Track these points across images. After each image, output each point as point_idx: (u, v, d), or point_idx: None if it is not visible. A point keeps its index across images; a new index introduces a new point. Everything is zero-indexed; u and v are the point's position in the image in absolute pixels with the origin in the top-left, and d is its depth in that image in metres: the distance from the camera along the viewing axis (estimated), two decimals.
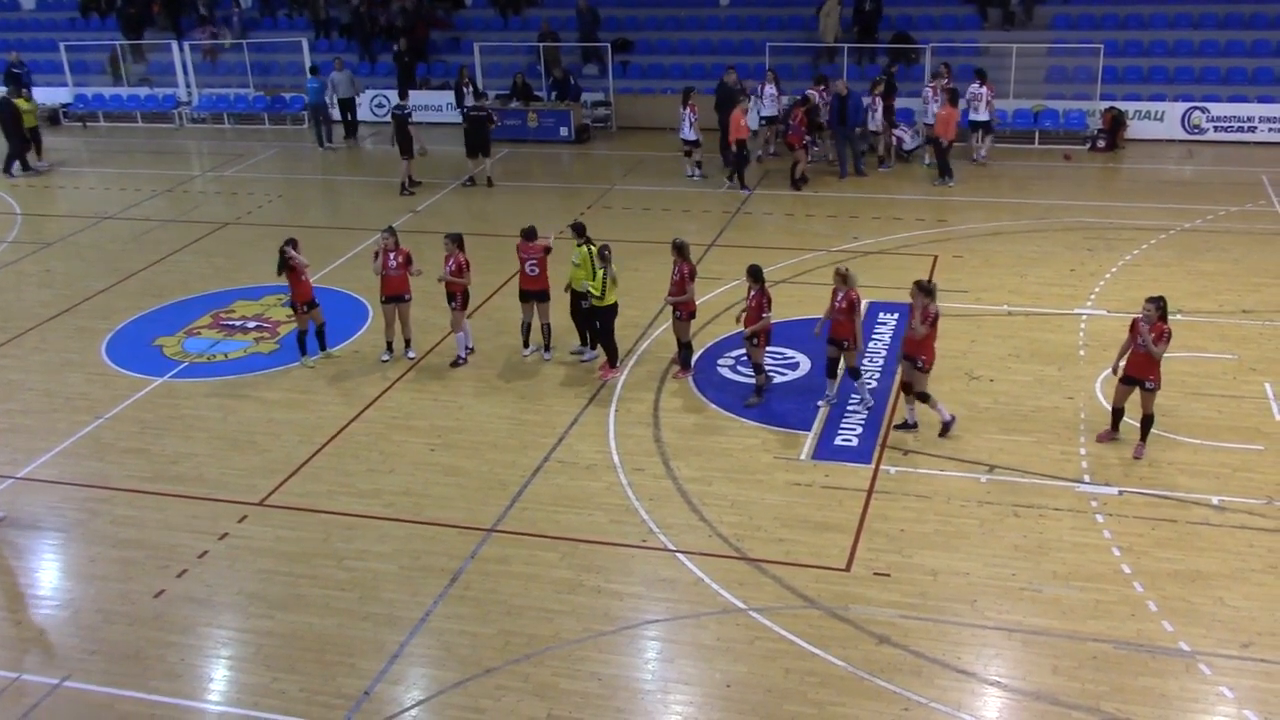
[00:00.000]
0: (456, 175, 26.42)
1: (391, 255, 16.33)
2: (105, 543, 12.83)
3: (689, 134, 25.51)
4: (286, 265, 16.21)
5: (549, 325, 16.65)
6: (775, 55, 29.09)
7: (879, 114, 25.69)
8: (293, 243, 16.31)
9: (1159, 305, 13.13)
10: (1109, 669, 10.23)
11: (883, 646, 10.62)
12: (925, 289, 13.75)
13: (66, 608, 11.80)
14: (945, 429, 14.09)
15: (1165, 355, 13.21)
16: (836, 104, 24.96)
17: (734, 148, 24.48)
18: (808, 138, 24.93)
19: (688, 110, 25.18)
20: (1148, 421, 13.52)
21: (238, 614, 11.56)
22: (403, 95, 26.73)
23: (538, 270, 16.29)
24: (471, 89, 28.75)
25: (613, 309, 15.87)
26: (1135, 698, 9.88)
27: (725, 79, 26.02)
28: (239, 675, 10.75)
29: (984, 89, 25.42)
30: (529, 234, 16.36)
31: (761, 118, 26.80)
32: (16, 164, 28.64)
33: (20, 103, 28.50)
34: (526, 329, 16.78)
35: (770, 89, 26.65)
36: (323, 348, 17.02)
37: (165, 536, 12.87)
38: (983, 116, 25.65)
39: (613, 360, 16.16)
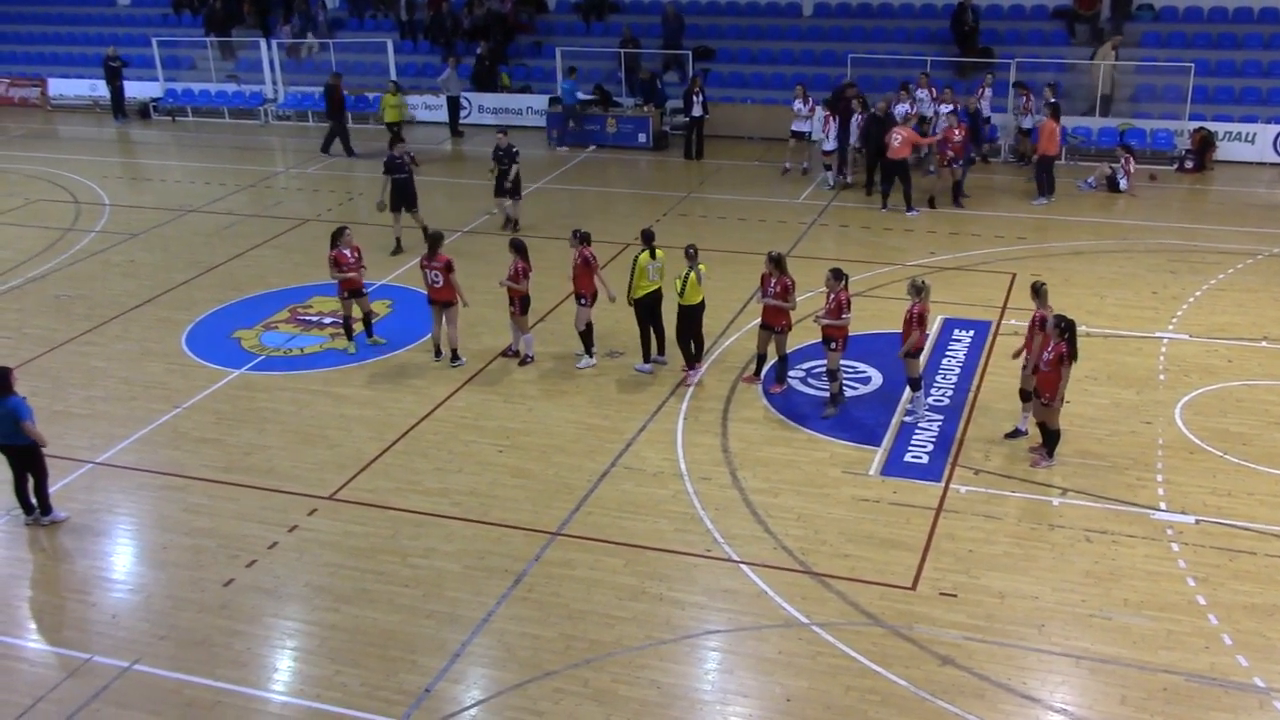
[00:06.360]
0: (544, 175, 26.51)
1: (430, 270, 16.30)
2: (178, 530, 13.08)
3: (830, 144, 25.24)
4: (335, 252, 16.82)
5: (589, 333, 16.63)
6: (856, 67, 28.89)
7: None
8: (341, 232, 16.98)
9: (1057, 324, 13.32)
10: (1179, 702, 10.00)
11: (946, 668, 10.48)
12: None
13: (139, 592, 12.04)
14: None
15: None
16: (968, 120, 24.49)
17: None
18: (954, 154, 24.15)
19: (829, 119, 24.93)
20: (1045, 434, 13.77)
21: (304, 606, 11.72)
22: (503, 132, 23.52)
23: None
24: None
25: (698, 308, 15.80)
26: None
27: (877, 109, 24.77)
28: (303, 666, 10.89)
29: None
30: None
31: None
32: (338, 143, 29.79)
33: (389, 98, 29.78)
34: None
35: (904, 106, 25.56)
36: (369, 333, 17.60)
37: (236, 526, 13.09)
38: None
39: (689, 361, 16.13)
